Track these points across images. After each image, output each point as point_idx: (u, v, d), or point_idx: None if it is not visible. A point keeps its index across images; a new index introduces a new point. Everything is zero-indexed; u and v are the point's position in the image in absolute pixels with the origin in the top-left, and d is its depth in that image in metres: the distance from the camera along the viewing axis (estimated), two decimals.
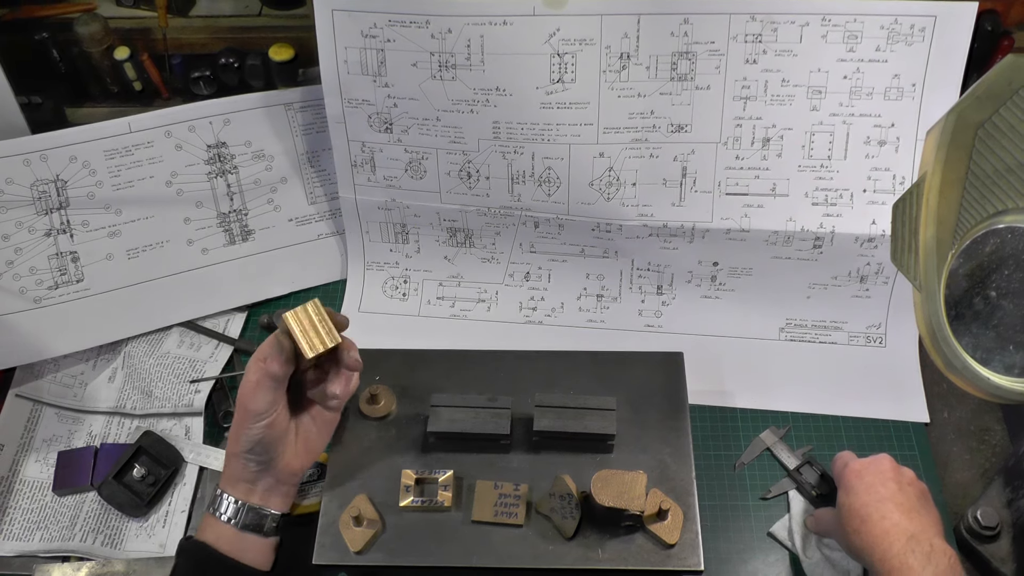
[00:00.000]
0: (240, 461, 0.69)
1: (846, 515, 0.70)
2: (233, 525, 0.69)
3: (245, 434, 0.68)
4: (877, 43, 0.84)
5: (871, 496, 0.70)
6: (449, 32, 0.86)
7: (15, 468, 0.89)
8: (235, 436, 0.69)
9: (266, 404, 0.68)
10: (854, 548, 0.69)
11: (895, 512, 0.68)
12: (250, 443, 0.68)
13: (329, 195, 1.03)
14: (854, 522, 0.69)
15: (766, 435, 0.87)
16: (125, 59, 1.04)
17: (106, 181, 0.94)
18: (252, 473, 0.70)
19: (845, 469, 0.74)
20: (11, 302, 0.93)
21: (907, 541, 0.65)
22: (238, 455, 0.69)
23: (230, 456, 0.70)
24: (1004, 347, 0.62)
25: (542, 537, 0.73)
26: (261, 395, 0.67)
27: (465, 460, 0.77)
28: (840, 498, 0.72)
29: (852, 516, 0.70)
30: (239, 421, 0.69)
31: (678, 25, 0.85)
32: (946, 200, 0.58)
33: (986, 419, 0.89)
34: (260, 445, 0.68)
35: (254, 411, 0.68)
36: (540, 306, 0.99)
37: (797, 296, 0.94)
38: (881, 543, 0.66)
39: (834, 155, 0.88)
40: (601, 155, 0.90)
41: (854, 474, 0.72)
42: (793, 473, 0.84)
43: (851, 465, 0.74)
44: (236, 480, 0.70)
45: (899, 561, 0.64)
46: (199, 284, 0.99)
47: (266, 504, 0.70)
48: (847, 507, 0.71)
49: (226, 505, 0.70)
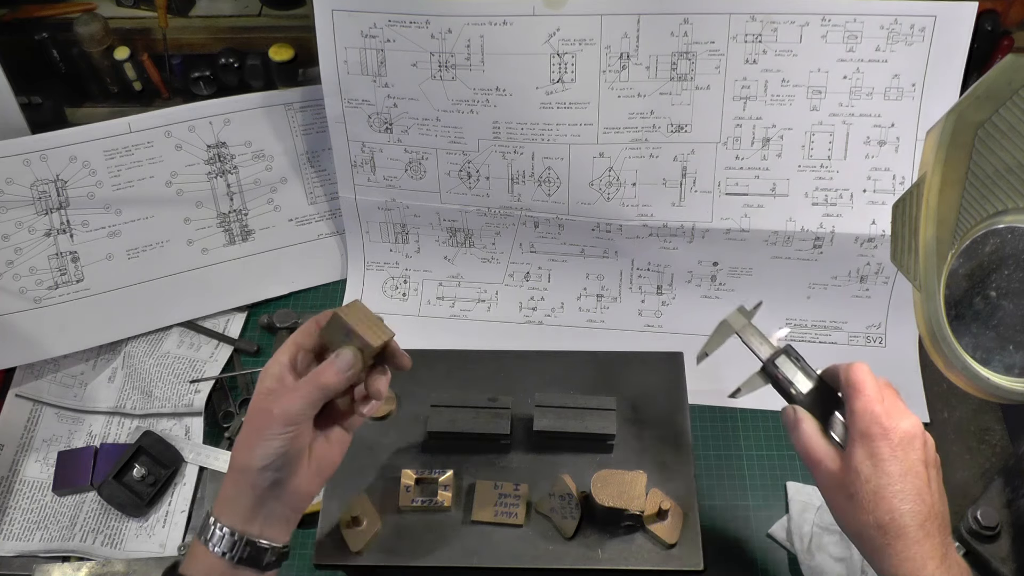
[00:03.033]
0: (248, 479, 0.59)
1: (867, 494, 0.59)
2: (228, 560, 0.59)
3: (264, 444, 0.58)
4: (877, 43, 0.84)
5: (907, 485, 0.58)
6: (449, 32, 0.86)
7: (15, 468, 0.89)
8: (248, 446, 0.59)
9: (303, 411, 0.59)
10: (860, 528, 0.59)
11: (931, 522, 0.59)
12: (270, 456, 0.58)
13: (329, 195, 1.03)
14: (879, 512, 0.58)
15: (733, 317, 0.69)
16: (125, 59, 1.04)
17: (106, 181, 0.94)
18: (259, 495, 0.59)
19: (871, 422, 0.59)
20: (11, 302, 0.93)
21: (939, 564, 0.58)
22: (249, 470, 0.58)
23: (236, 472, 0.60)
24: (1004, 347, 0.62)
25: (542, 537, 0.73)
26: (299, 402, 0.58)
27: (465, 460, 0.77)
28: (858, 459, 0.59)
29: (878, 503, 0.58)
30: (257, 428, 0.59)
31: (678, 25, 0.85)
32: (946, 200, 0.58)
33: (986, 419, 0.89)
34: (281, 459, 0.58)
35: (284, 416, 0.58)
36: (540, 306, 0.99)
37: (797, 296, 0.94)
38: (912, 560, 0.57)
39: (834, 155, 0.88)
40: (601, 155, 0.90)
41: (887, 444, 0.59)
42: (768, 366, 0.67)
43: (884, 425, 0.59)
44: (235, 504, 0.59)
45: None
46: (199, 284, 0.99)
47: (265, 535, 0.60)
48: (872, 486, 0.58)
49: (219, 536, 0.59)
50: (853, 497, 0.59)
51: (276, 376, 0.60)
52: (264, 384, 0.60)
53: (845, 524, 0.61)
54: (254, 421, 0.59)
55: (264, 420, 0.58)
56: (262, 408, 0.59)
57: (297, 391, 0.59)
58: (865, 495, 0.59)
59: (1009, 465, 0.81)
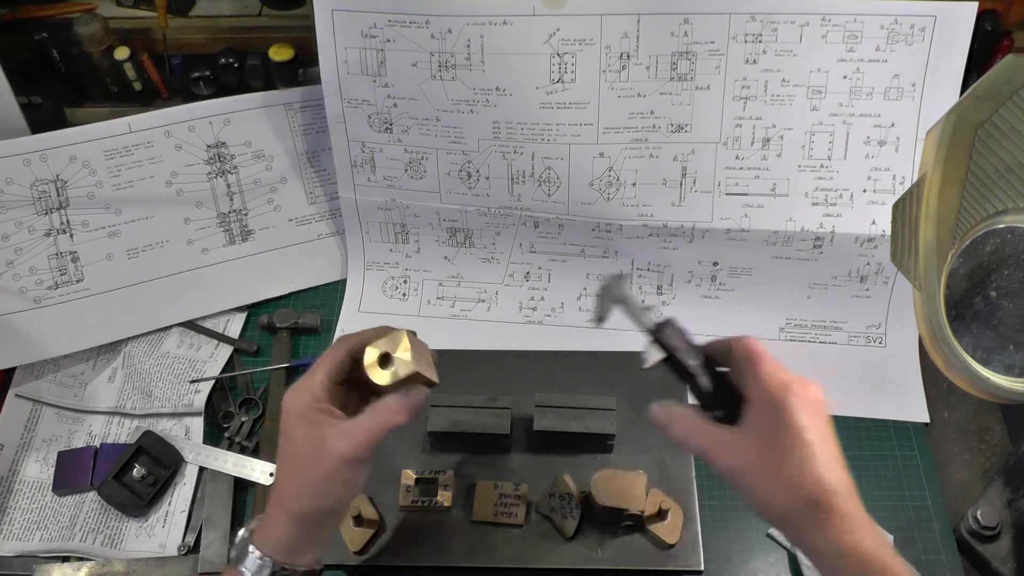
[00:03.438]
0: (300, 517, 0.56)
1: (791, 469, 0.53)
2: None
3: (326, 488, 0.55)
4: (877, 43, 0.84)
5: (828, 453, 0.53)
6: (449, 32, 0.86)
7: (15, 468, 0.89)
8: (303, 484, 0.56)
9: (370, 452, 0.56)
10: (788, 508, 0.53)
11: (853, 488, 0.54)
12: (331, 499, 0.55)
13: (329, 195, 1.03)
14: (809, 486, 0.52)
15: (614, 283, 0.62)
16: (125, 59, 1.04)
17: (106, 181, 0.94)
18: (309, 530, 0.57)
19: (783, 390, 0.54)
20: (11, 302, 0.93)
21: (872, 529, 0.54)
22: (303, 509, 0.56)
23: (286, 509, 0.56)
24: (1004, 347, 0.62)
25: (542, 537, 0.73)
26: (366, 445, 0.55)
27: (465, 460, 0.77)
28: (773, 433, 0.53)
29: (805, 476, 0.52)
30: (316, 469, 0.55)
31: (678, 25, 0.85)
32: (946, 200, 0.58)
33: (986, 419, 0.89)
34: (340, 500, 0.56)
35: (351, 458, 0.55)
36: (540, 306, 0.99)
37: (797, 296, 0.94)
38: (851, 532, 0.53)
39: (834, 155, 0.88)
40: (601, 155, 0.90)
41: (804, 412, 0.53)
42: (655, 334, 0.61)
43: (798, 392, 0.54)
44: (282, 539, 0.57)
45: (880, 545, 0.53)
46: (199, 284, 0.99)
47: (308, 560, 0.58)
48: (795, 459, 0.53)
49: (259, 564, 0.57)
50: (775, 474, 0.53)
51: (319, 408, 0.57)
52: (300, 415, 0.57)
53: (769, 507, 0.54)
54: (311, 460, 0.55)
55: (325, 461, 0.55)
56: (316, 445, 0.55)
57: (363, 432, 0.55)
58: (789, 470, 0.52)
59: (1009, 465, 0.81)
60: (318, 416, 0.56)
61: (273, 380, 0.93)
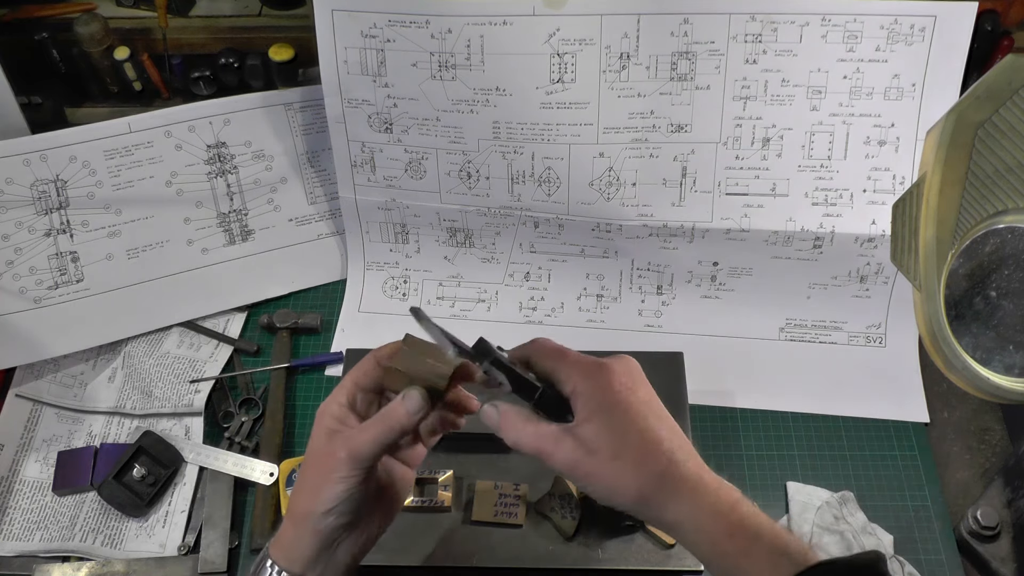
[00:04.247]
0: (310, 524, 0.56)
1: (632, 447, 0.52)
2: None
3: (330, 488, 0.55)
4: (877, 43, 0.84)
5: (661, 422, 0.53)
6: (449, 32, 0.86)
7: (15, 468, 0.89)
8: (310, 490, 0.56)
9: (372, 453, 0.55)
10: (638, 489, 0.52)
11: (693, 448, 0.54)
12: (336, 499, 0.55)
13: (329, 195, 1.03)
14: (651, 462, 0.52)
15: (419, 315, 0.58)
16: (125, 59, 1.04)
17: (106, 181, 0.94)
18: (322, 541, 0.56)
19: (595, 370, 0.54)
20: (11, 302, 0.93)
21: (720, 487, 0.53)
22: (312, 515, 0.55)
23: (297, 516, 0.56)
24: (1004, 347, 0.62)
25: (542, 537, 0.73)
26: (368, 444, 0.55)
27: (465, 460, 0.77)
28: (603, 414, 0.53)
29: (647, 452, 0.52)
30: (322, 472, 0.55)
31: (678, 25, 0.85)
32: (946, 200, 0.58)
33: (986, 419, 0.89)
34: (347, 503, 0.55)
35: (352, 459, 0.55)
36: (540, 306, 0.99)
37: (797, 296, 0.94)
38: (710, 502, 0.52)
39: (834, 155, 0.88)
40: (601, 155, 0.90)
41: (622, 387, 0.54)
42: (496, 356, 0.58)
43: (610, 366, 0.54)
44: (295, 549, 0.56)
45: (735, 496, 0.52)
46: (199, 284, 0.99)
47: (310, 571, 0.57)
48: (633, 437, 0.52)
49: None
50: (617, 457, 0.52)
51: (337, 417, 0.57)
52: (323, 424, 0.57)
53: (618, 492, 0.53)
54: (318, 464, 0.56)
55: (329, 463, 0.55)
56: (326, 451, 0.55)
57: (365, 432, 0.55)
58: (630, 450, 0.52)
59: (1009, 465, 0.81)
60: (336, 425, 0.57)
61: (273, 380, 0.93)
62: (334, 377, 0.94)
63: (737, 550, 0.50)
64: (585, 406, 0.54)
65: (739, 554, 0.50)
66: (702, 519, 0.51)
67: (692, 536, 0.52)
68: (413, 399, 0.56)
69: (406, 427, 0.56)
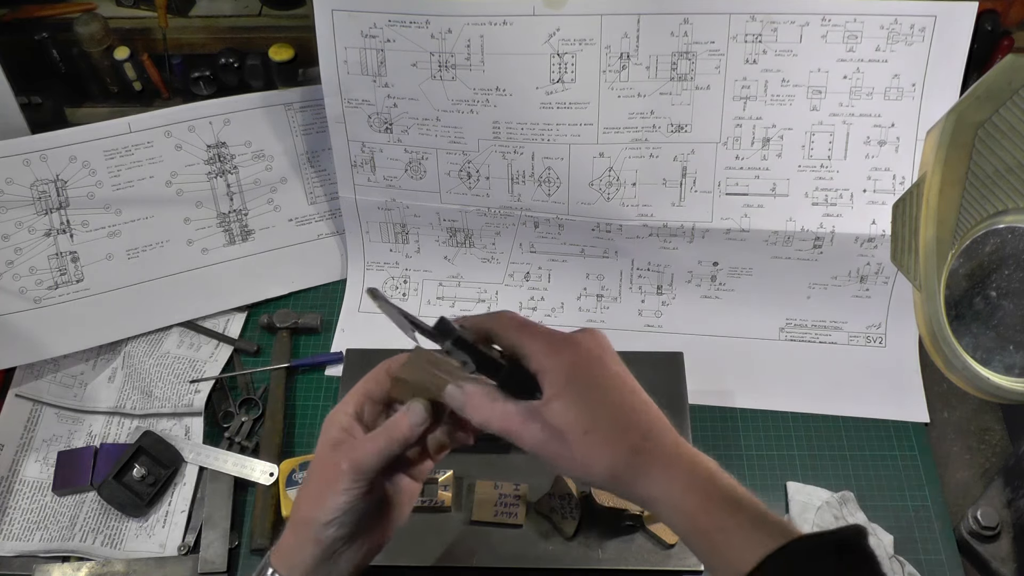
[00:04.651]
0: (312, 532, 0.55)
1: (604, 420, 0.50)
2: None
3: (333, 498, 0.54)
4: (877, 43, 0.84)
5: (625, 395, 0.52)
6: (449, 32, 0.86)
7: (15, 468, 0.89)
8: (313, 498, 0.56)
9: (375, 464, 0.54)
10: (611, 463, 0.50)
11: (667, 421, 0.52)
12: (338, 510, 0.54)
13: (329, 195, 1.03)
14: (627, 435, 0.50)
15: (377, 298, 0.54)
16: (125, 59, 1.04)
17: (106, 181, 0.94)
18: (323, 550, 0.56)
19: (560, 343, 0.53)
20: (11, 302, 0.93)
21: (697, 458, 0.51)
22: (313, 523, 0.55)
23: (299, 524, 0.56)
24: (1004, 347, 0.62)
25: (542, 537, 0.73)
26: (371, 455, 0.54)
27: (465, 460, 0.77)
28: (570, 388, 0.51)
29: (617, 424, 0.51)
30: (326, 481, 0.55)
31: (678, 25, 0.85)
32: (946, 200, 0.58)
33: (986, 419, 0.89)
34: (349, 514, 0.55)
35: (355, 470, 0.54)
36: (540, 306, 0.99)
37: (797, 296, 0.94)
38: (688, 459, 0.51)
39: (834, 155, 0.88)
40: (601, 155, 0.90)
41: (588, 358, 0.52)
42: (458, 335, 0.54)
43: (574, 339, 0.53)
44: (297, 557, 0.56)
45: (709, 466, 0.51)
46: (199, 284, 0.99)
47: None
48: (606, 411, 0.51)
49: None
50: (589, 433, 0.50)
51: (343, 427, 0.57)
52: (330, 434, 0.57)
53: (590, 468, 0.51)
54: (321, 473, 0.56)
55: (333, 473, 0.55)
56: (330, 460, 0.55)
57: (369, 443, 0.55)
58: (600, 424, 0.50)
59: (1009, 465, 0.81)
60: (342, 435, 0.56)
61: (273, 380, 0.93)
62: (334, 377, 0.94)
63: (713, 526, 0.49)
64: (553, 382, 0.51)
65: (715, 530, 0.49)
66: (676, 495, 0.50)
67: (667, 512, 0.51)
68: (416, 411, 0.56)
69: (409, 439, 0.56)
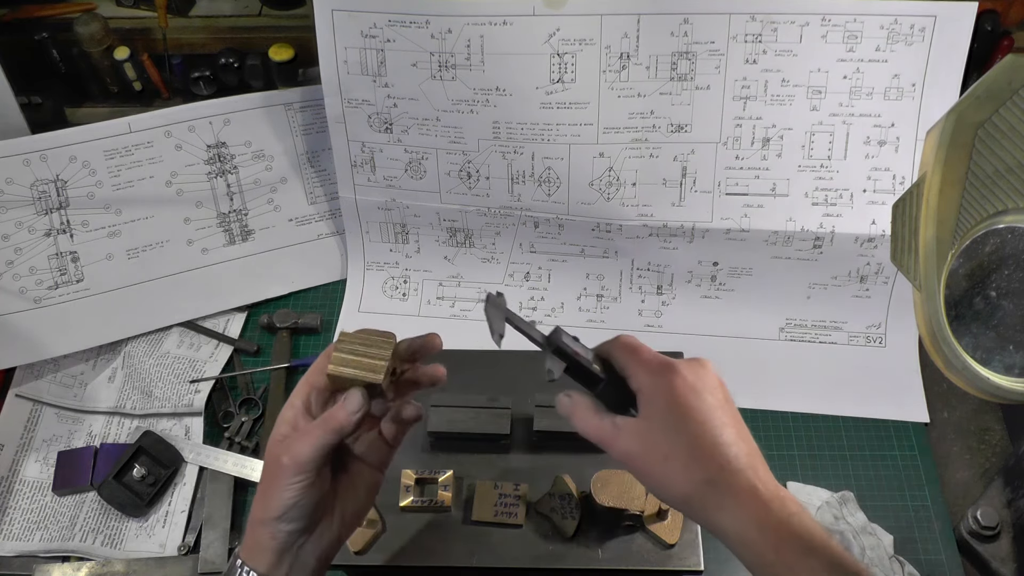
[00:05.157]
0: (267, 530, 0.56)
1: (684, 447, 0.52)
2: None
3: (278, 495, 0.55)
4: (877, 43, 0.84)
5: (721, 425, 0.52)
6: (449, 32, 0.86)
7: (15, 468, 0.89)
8: (263, 496, 0.56)
9: (313, 458, 0.55)
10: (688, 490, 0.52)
11: (755, 457, 0.53)
12: (284, 507, 0.55)
13: (329, 195, 1.03)
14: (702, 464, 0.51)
15: (498, 300, 0.60)
16: (125, 59, 1.04)
17: (106, 181, 0.94)
18: (280, 545, 0.56)
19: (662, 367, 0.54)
20: (11, 302, 0.93)
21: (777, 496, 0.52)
22: (266, 521, 0.56)
23: (255, 522, 0.57)
24: (1004, 347, 0.62)
25: (542, 537, 0.73)
26: (308, 449, 0.55)
27: (465, 460, 0.77)
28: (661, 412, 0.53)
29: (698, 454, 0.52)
30: (271, 478, 0.56)
31: (678, 25, 0.85)
32: (946, 200, 0.58)
33: (986, 419, 0.89)
34: (297, 509, 0.55)
35: (294, 465, 0.55)
36: (540, 306, 0.99)
37: (797, 296, 0.94)
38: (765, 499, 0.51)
39: (834, 155, 0.88)
40: (601, 155, 0.90)
41: (684, 385, 0.53)
42: (555, 343, 0.58)
43: (675, 367, 0.54)
44: (259, 553, 0.57)
45: None
46: (199, 284, 0.99)
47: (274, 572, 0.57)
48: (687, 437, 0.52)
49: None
50: (669, 458, 0.52)
51: (290, 422, 0.57)
52: (279, 431, 0.57)
53: (667, 490, 0.53)
54: (268, 470, 0.56)
55: (276, 469, 0.55)
56: (274, 457, 0.56)
57: (306, 436, 0.55)
58: (681, 452, 0.52)
59: (1009, 465, 0.81)
60: (288, 429, 0.57)
61: (273, 380, 0.93)
62: None
63: (784, 566, 0.50)
64: (647, 404, 0.54)
65: (785, 570, 0.50)
66: (748, 530, 0.51)
67: (736, 545, 0.52)
68: (353, 400, 0.56)
69: (346, 428, 0.56)
